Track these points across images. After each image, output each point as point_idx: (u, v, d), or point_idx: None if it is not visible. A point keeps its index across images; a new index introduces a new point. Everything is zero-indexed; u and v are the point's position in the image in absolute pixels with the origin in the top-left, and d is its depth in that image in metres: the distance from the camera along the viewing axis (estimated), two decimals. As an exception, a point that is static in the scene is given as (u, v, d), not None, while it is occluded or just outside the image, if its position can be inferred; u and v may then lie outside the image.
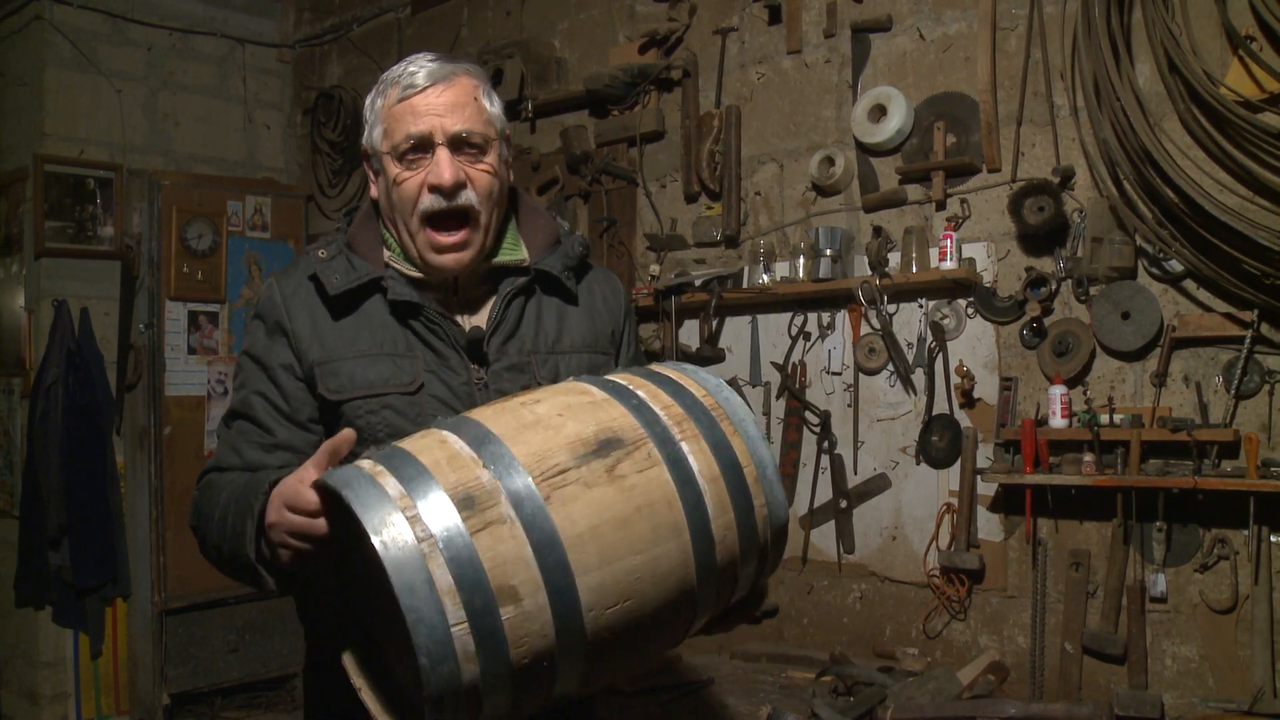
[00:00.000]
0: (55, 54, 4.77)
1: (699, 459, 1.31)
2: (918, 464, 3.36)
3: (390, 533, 1.12)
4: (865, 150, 3.47)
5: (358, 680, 1.33)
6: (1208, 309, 2.84)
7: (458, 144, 1.59)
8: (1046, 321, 3.08)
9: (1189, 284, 2.87)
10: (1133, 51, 2.90)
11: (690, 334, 3.86)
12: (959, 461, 3.24)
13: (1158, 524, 2.84)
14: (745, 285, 3.66)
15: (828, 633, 3.54)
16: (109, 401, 4.76)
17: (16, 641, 4.69)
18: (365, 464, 1.23)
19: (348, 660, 1.35)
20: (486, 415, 1.30)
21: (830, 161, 3.52)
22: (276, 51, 5.61)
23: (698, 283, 3.70)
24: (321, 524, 1.30)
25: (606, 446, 1.26)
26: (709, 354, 3.77)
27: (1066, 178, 3.04)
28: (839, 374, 3.55)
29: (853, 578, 3.51)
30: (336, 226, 1.75)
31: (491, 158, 1.64)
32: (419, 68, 1.61)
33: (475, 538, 1.15)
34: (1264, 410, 2.76)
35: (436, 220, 1.60)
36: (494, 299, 1.68)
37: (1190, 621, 2.85)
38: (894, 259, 3.36)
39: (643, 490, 1.25)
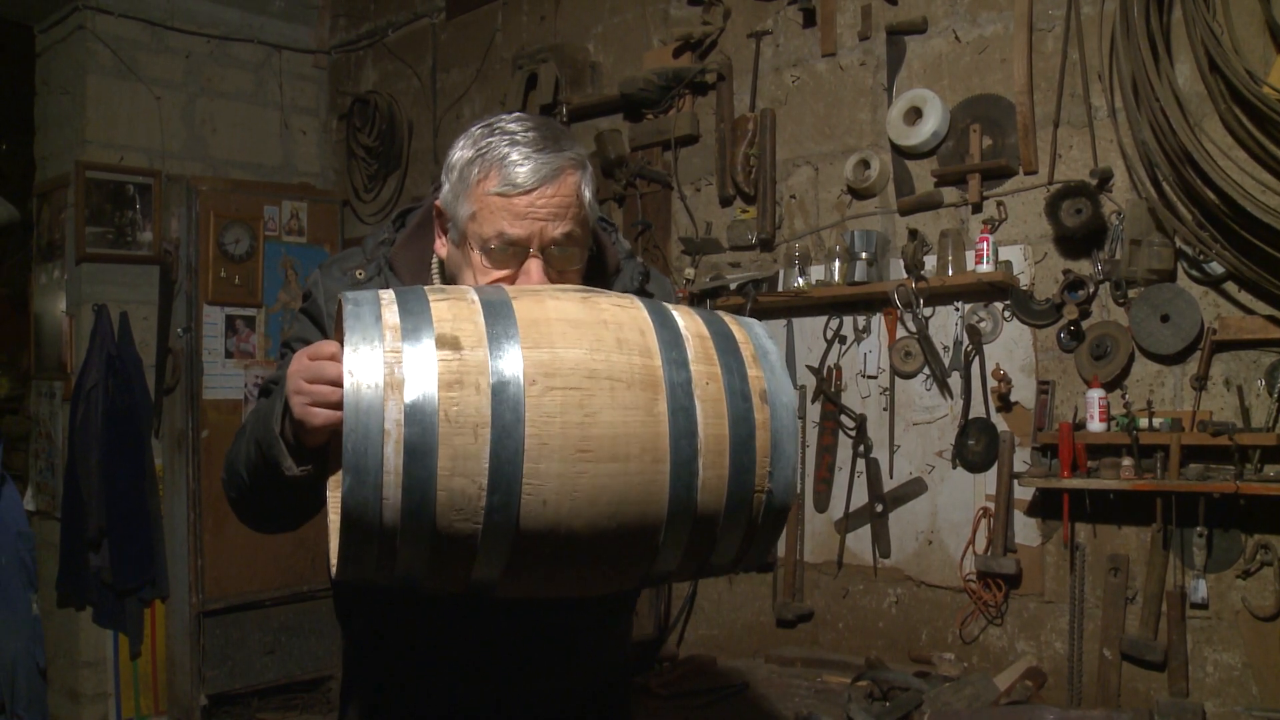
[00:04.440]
0: (96, 62, 4.84)
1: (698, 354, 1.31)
2: (954, 468, 3.34)
3: (364, 350, 1.18)
4: (900, 153, 3.46)
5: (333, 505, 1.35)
6: (1249, 311, 2.81)
7: (552, 244, 1.47)
8: (1084, 324, 3.06)
9: (1230, 286, 2.84)
10: (1172, 51, 2.87)
11: (724, 337, 3.85)
12: (995, 465, 3.22)
13: (1198, 529, 2.81)
14: (780, 288, 3.65)
15: (863, 637, 3.53)
16: (148, 405, 4.82)
17: (58, 641, 4.76)
18: (384, 296, 1.28)
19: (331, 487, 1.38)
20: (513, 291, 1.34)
21: (865, 164, 3.51)
22: (312, 57, 5.66)
23: (733, 286, 3.70)
24: (337, 368, 1.25)
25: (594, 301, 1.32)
26: (743, 357, 3.77)
27: (1104, 179, 3.01)
28: (874, 377, 3.53)
29: (888, 582, 3.49)
30: (381, 239, 1.67)
31: (582, 253, 1.52)
32: (524, 157, 1.43)
33: (441, 365, 1.19)
34: (1308, 414, 2.72)
35: None
36: None
37: (1232, 628, 2.82)
38: (930, 262, 3.35)
39: (615, 323, 1.29)
